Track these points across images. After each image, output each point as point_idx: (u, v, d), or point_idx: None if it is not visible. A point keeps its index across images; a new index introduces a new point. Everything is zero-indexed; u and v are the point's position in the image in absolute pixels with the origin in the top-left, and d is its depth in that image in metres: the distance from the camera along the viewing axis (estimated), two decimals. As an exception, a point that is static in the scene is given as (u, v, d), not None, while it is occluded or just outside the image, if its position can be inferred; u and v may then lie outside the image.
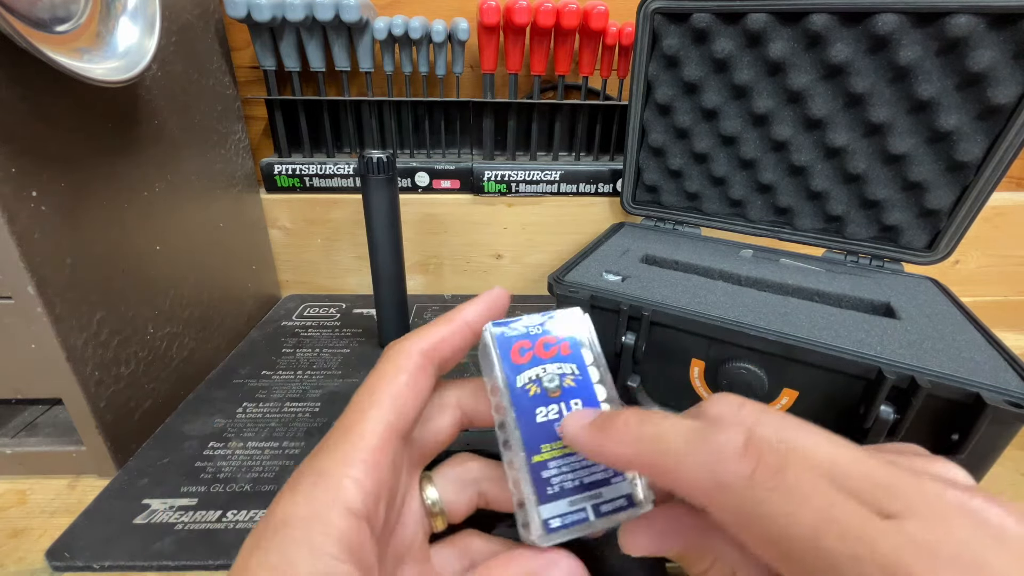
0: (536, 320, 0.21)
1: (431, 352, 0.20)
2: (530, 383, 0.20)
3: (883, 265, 0.51)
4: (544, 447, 0.19)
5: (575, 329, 0.21)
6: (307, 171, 0.63)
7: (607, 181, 0.65)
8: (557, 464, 0.19)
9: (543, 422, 0.19)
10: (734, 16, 0.48)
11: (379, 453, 0.18)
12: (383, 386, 0.19)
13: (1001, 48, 0.40)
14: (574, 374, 0.20)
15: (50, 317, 0.33)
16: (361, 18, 0.54)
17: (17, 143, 0.31)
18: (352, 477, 0.17)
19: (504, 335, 0.21)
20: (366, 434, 0.18)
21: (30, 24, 0.31)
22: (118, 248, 0.40)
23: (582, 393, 0.20)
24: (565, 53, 0.60)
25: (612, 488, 0.19)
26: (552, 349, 0.21)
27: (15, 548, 0.34)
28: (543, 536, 0.18)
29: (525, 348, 0.21)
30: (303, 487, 0.17)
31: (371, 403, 0.19)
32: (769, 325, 0.38)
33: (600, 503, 0.19)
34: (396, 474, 0.19)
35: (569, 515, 0.18)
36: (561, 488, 0.19)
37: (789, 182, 0.52)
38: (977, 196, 0.45)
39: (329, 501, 0.16)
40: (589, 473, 0.19)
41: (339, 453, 0.18)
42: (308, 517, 0.16)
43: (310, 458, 0.18)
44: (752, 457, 0.13)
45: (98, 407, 0.38)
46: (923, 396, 0.32)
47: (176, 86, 0.46)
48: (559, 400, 0.20)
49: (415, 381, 0.20)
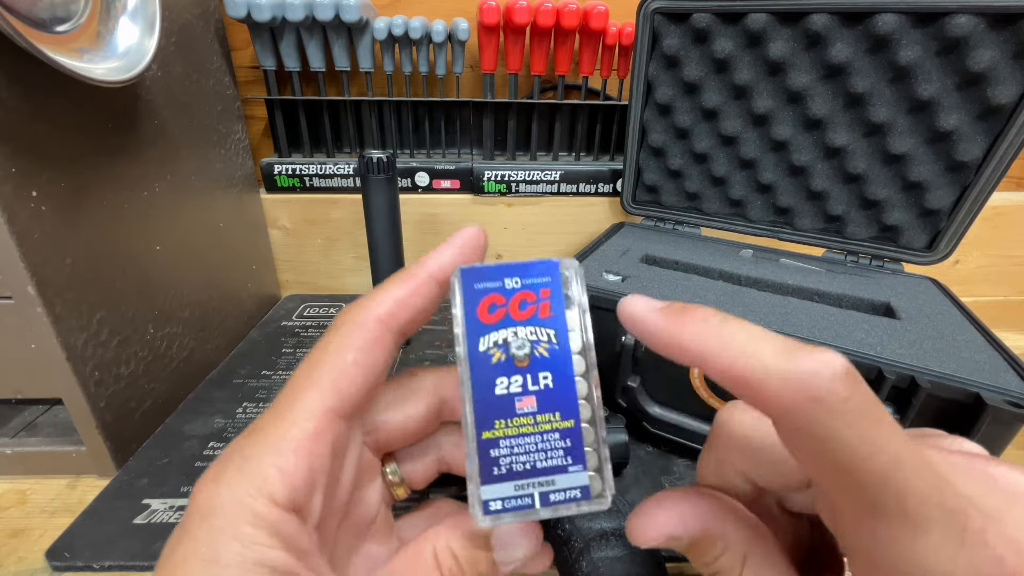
0: (517, 270, 0.18)
1: (388, 318, 0.18)
2: (495, 348, 0.17)
3: (883, 265, 0.51)
4: (498, 423, 0.17)
5: (563, 286, 0.18)
6: (307, 171, 0.63)
7: (607, 181, 0.65)
8: (509, 444, 0.17)
9: (502, 395, 0.17)
10: (734, 16, 0.48)
11: (313, 442, 0.16)
12: (325, 364, 0.17)
13: (1001, 48, 0.40)
14: (550, 342, 0.18)
15: (50, 317, 0.33)
16: (361, 18, 0.54)
17: (17, 143, 0.31)
18: (278, 467, 0.16)
19: (474, 286, 0.18)
20: (299, 420, 0.16)
21: (30, 24, 0.31)
22: (118, 248, 0.40)
23: (555, 366, 0.17)
24: (565, 53, 0.60)
25: (568, 477, 0.17)
26: (529, 309, 0.18)
27: (15, 548, 0.34)
28: (481, 518, 0.17)
29: (496, 304, 0.18)
30: (228, 474, 0.16)
31: (309, 384, 0.17)
32: (769, 325, 0.38)
33: (550, 491, 0.17)
34: (339, 459, 0.18)
35: (512, 499, 0.17)
36: (509, 470, 0.17)
37: (789, 182, 0.52)
38: (977, 196, 0.45)
39: (253, 491, 0.15)
40: (545, 457, 0.17)
41: (269, 439, 0.16)
42: (234, 506, 0.15)
43: (240, 438, 0.17)
44: (851, 382, 0.13)
45: (98, 407, 0.38)
46: (923, 396, 0.32)
47: (176, 86, 0.46)
48: (525, 372, 0.17)
49: (366, 356, 0.17)
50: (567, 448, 0.17)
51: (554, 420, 0.17)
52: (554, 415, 0.17)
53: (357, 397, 0.17)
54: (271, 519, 0.15)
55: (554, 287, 0.18)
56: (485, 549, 0.18)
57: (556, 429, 0.17)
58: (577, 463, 0.17)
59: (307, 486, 0.16)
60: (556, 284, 0.18)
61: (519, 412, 0.17)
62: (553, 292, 0.18)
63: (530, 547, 0.18)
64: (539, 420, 0.17)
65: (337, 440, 0.17)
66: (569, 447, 0.17)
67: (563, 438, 0.17)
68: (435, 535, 0.18)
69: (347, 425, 0.18)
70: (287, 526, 0.15)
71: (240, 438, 0.17)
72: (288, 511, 0.15)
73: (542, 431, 0.17)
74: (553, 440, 0.17)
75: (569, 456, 0.17)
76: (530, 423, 0.17)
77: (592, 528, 0.27)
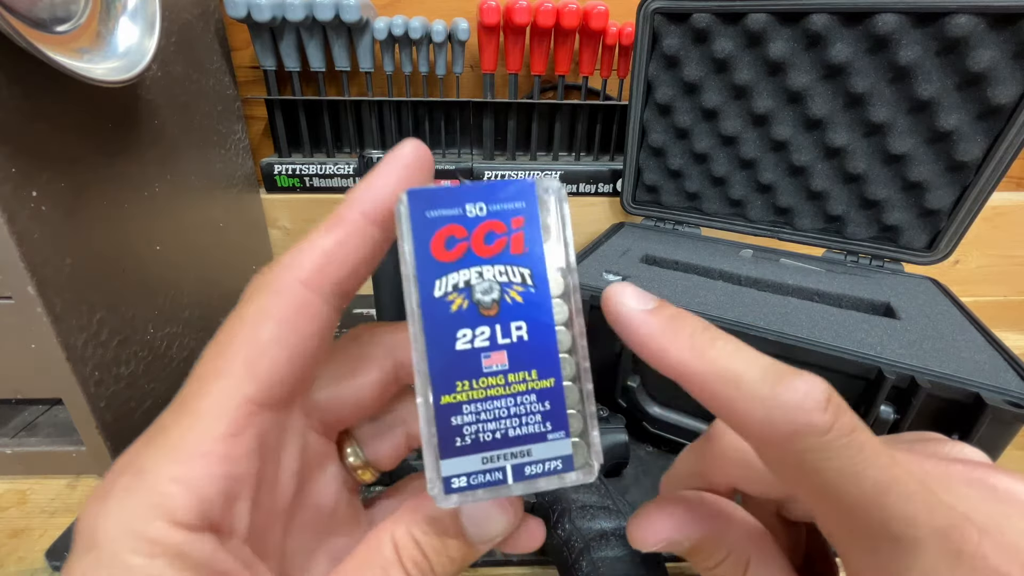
0: (482, 193, 0.15)
1: (314, 278, 0.14)
2: (454, 293, 0.14)
3: (883, 265, 0.51)
4: (460, 385, 0.14)
5: (539, 212, 0.15)
6: (307, 171, 0.63)
7: (607, 181, 0.65)
8: (474, 409, 0.14)
9: (464, 351, 0.14)
10: (734, 16, 0.48)
11: (228, 443, 0.13)
12: (237, 344, 0.14)
13: (1001, 48, 0.40)
14: (524, 284, 0.14)
15: (50, 317, 0.33)
16: (361, 18, 0.54)
17: (17, 143, 0.31)
18: (181, 479, 0.13)
19: (425, 214, 0.14)
20: (206, 418, 0.13)
21: (30, 24, 0.31)
22: (118, 248, 0.40)
23: (530, 313, 0.14)
24: (565, 53, 0.60)
25: (547, 446, 0.14)
26: (497, 243, 0.14)
27: (15, 548, 0.34)
28: (442, 498, 0.14)
29: (455, 238, 0.14)
30: (115, 493, 0.13)
31: (216, 371, 0.14)
32: (769, 325, 0.38)
33: (525, 463, 0.14)
34: (273, 455, 0.15)
35: (479, 475, 0.14)
36: (475, 440, 0.14)
37: (789, 182, 0.52)
38: (977, 196, 0.45)
39: (146, 512, 0.12)
40: (519, 424, 0.14)
41: (169, 443, 0.13)
42: (119, 535, 0.12)
43: (138, 443, 0.14)
44: (832, 412, 0.12)
45: (98, 407, 0.38)
46: (923, 396, 0.32)
47: (176, 86, 0.46)
48: (493, 321, 0.14)
49: (289, 330, 0.14)
50: (546, 412, 0.14)
51: (530, 380, 0.14)
52: (530, 373, 0.14)
53: (284, 381, 0.14)
54: (172, 544, 0.12)
55: (529, 215, 0.14)
56: (455, 533, 0.15)
57: (532, 390, 0.14)
58: (558, 429, 0.14)
59: (223, 497, 0.13)
60: (532, 211, 0.14)
61: (486, 371, 0.14)
62: (528, 221, 0.14)
63: (508, 521, 0.16)
64: (511, 380, 0.14)
65: (264, 435, 0.14)
66: (548, 410, 0.14)
67: (541, 400, 0.14)
68: (394, 523, 0.15)
69: (276, 415, 0.15)
70: (198, 549, 0.12)
71: (138, 442, 0.14)
72: (198, 530, 0.13)
73: (515, 393, 0.14)
74: (529, 403, 0.14)
75: (548, 421, 0.14)
76: (500, 384, 0.14)
77: (592, 528, 0.27)
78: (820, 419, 0.12)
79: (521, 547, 0.17)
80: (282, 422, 0.15)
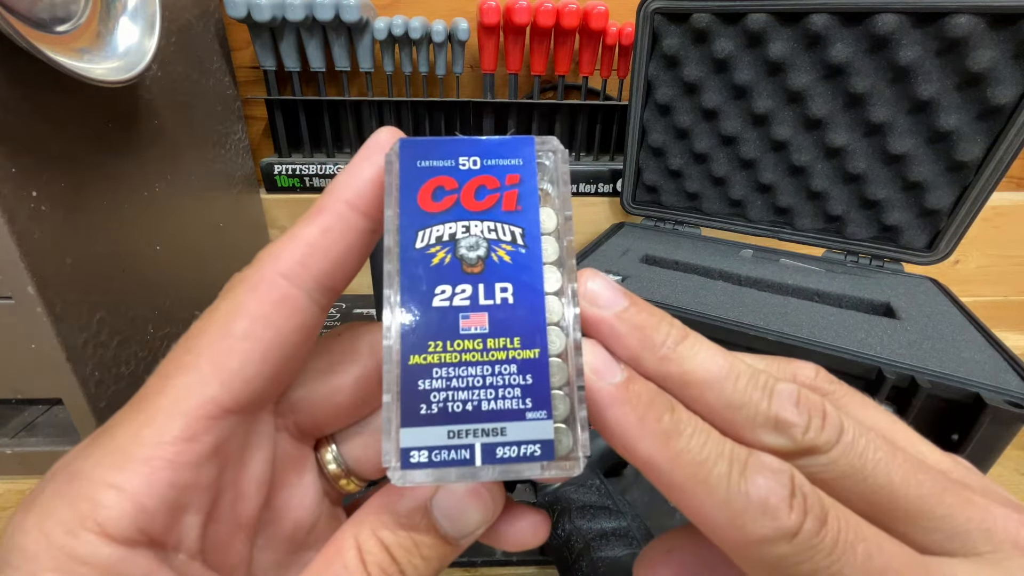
0: (477, 147, 0.14)
1: (296, 271, 0.13)
2: (437, 245, 0.13)
3: (883, 265, 0.51)
4: (433, 345, 0.13)
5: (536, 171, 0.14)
6: (307, 171, 0.63)
7: (607, 181, 0.65)
8: (445, 374, 0.12)
9: (442, 308, 0.13)
10: (734, 16, 0.48)
11: (179, 447, 0.12)
12: (205, 339, 0.13)
13: (1001, 48, 0.40)
14: (514, 244, 0.13)
15: (50, 317, 0.33)
16: (361, 18, 0.54)
17: (17, 143, 0.31)
18: (117, 486, 0.11)
19: (416, 163, 0.13)
20: (159, 419, 0.12)
21: (30, 24, 0.31)
22: (118, 248, 0.40)
23: (519, 276, 0.13)
24: (565, 53, 0.60)
25: (524, 426, 0.12)
26: (489, 198, 0.13)
27: (15, 548, 0.34)
28: (398, 473, 0.12)
29: (445, 189, 0.13)
30: (42, 501, 0.11)
31: (180, 367, 0.13)
32: (769, 325, 0.38)
33: (497, 443, 0.12)
34: (236, 462, 0.14)
35: (443, 450, 0.12)
36: (442, 409, 0.12)
37: (789, 182, 0.52)
38: (977, 196, 0.45)
39: (73, 523, 0.11)
40: (494, 396, 0.12)
41: (112, 446, 0.12)
42: (40, 548, 0.11)
43: (78, 446, 0.12)
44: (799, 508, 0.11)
45: (98, 407, 0.38)
46: (923, 396, 0.32)
47: (176, 86, 0.46)
48: (477, 280, 0.13)
49: (265, 327, 0.13)
50: (526, 387, 0.13)
51: (511, 348, 0.13)
52: (512, 341, 0.13)
53: (254, 381, 0.13)
54: (101, 561, 0.11)
55: (526, 173, 0.14)
56: (426, 529, 0.13)
57: (513, 359, 0.13)
58: (538, 408, 0.13)
59: (167, 507, 0.12)
60: (529, 169, 0.14)
61: (463, 333, 0.13)
62: (524, 179, 0.14)
63: (485, 512, 0.14)
64: (490, 346, 0.13)
65: (224, 441, 0.13)
66: (529, 385, 0.13)
67: (522, 373, 0.13)
68: (356, 524, 0.13)
69: (242, 419, 0.13)
70: (133, 566, 0.11)
71: (83, 442, 0.12)
72: (134, 545, 0.11)
73: (494, 360, 0.13)
74: (508, 374, 0.13)
75: (528, 398, 0.13)
76: (478, 348, 0.13)
77: (592, 528, 0.27)
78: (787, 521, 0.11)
79: (524, 542, 0.15)
80: (248, 427, 0.14)
